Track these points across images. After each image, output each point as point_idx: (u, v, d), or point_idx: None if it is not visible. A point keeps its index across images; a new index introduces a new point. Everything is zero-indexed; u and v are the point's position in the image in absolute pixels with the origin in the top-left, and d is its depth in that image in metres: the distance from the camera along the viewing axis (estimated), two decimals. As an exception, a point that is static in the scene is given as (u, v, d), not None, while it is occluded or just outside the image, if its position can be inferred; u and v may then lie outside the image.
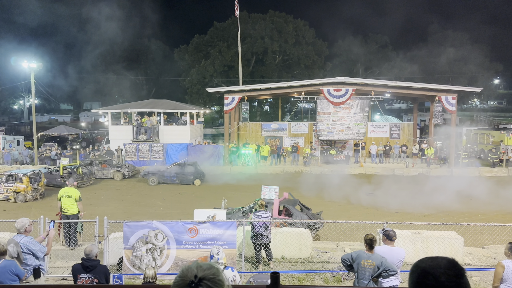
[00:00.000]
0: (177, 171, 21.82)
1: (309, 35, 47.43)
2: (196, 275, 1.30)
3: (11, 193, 17.43)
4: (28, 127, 52.18)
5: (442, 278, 1.41)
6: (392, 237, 6.18)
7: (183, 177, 21.66)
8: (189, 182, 21.56)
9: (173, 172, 21.72)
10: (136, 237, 8.37)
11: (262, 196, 11.77)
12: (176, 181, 21.60)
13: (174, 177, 21.63)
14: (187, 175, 21.72)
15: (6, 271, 5.08)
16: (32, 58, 28.33)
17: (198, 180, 21.68)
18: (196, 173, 21.93)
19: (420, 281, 1.44)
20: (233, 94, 26.98)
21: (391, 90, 27.98)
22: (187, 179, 21.63)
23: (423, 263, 1.49)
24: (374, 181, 20.76)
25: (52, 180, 21.21)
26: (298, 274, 8.68)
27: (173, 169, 21.95)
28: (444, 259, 1.48)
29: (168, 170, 21.87)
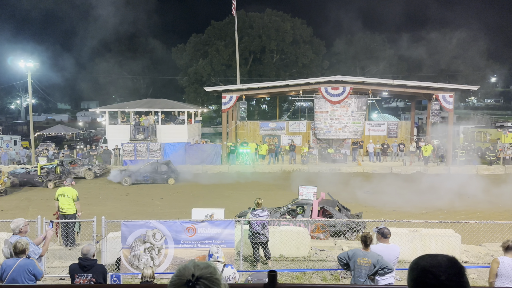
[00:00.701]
0: (150, 170, 21.67)
1: (306, 33, 47.44)
2: (194, 274, 1.30)
3: None
4: (25, 126, 51.99)
5: (443, 277, 1.39)
6: (386, 234, 6.22)
7: (157, 176, 21.53)
8: (163, 181, 21.47)
9: (146, 172, 21.56)
10: (134, 236, 8.36)
11: (300, 196, 11.46)
12: (149, 181, 21.43)
13: (147, 177, 21.44)
14: (160, 174, 21.61)
15: (24, 270, 5.04)
16: (29, 57, 28.24)
17: (172, 179, 21.60)
18: (170, 172, 21.81)
19: (419, 279, 1.42)
20: (231, 93, 26.96)
21: (388, 89, 28.02)
22: (161, 178, 21.52)
23: (423, 261, 1.47)
24: (372, 179, 20.81)
25: (30, 179, 21.11)
26: (296, 272, 8.69)
27: (146, 168, 21.77)
28: (444, 257, 1.46)
29: (141, 170, 21.69)
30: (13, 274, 4.95)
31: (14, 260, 5.08)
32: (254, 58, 47.94)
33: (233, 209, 13.16)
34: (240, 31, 39.33)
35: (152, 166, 21.93)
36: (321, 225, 10.67)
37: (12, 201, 17.96)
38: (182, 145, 26.95)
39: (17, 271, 4.98)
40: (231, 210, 12.59)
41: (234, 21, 33.70)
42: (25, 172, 21.49)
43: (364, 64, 52.06)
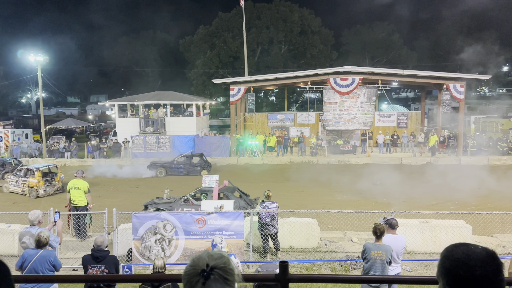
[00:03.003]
0: (184, 162, 21.88)
1: (315, 24, 47.03)
2: (208, 264, 1.30)
3: (26, 187, 17.30)
4: (36, 120, 52.59)
5: (478, 271, 1.29)
6: (394, 225, 6.23)
7: (191, 168, 21.71)
8: (196, 173, 21.59)
9: (180, 164, 21.77)
10: (145, 228, 8.45)
11: (203, 184, 12.16)
12: (183, 173, 21.65)
13: (181, 169, 21.68)
14: (194, 166, 21.78)
15: (45, 261, 5.22)
16: (39, 51, 28.42)
17: (205, 171, 21.72)
18: (203, 163, 21.97)
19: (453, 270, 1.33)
20: (239, 85, 26.91)
21: (398, 79, 27.73)
22: (195, 170, 21.68)
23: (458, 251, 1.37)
24: (381, 170, 20.69)
25: None
26: (305, 263, 8.72)
27: (180, 160, 22.00)
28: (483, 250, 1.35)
29: (174, 162, 21.94)
30: (34, 264, 5.12)
31: (36, 251, 5.25)
32: (262, 50, 47.71)
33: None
34: (248, 22, 39.13)
35: (186, 158, 22.08)
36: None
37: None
38: (191, 137, 27.04)
39: (39, 261, 5.15)
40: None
41: (241, 13, 33.53)
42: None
43: (374, 54, 51.55)
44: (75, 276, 2.82)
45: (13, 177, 17.83)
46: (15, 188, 17.54)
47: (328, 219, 10.86)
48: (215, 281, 1.29)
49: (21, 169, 18.14)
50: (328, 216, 10.88)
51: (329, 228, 10.92)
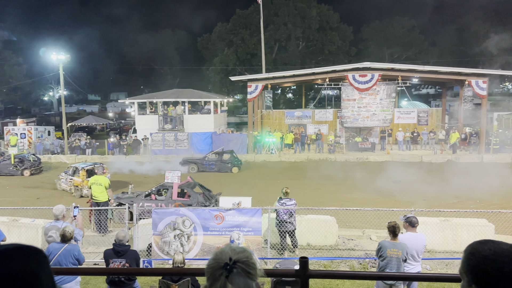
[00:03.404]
0: (215, 159, 21.98)
1: (333, 20, 46.60)
2: (231, 257, 1.32)
3: (72, 186, 17.12)
4: (57, 117, 53.76)
5: (506, 268, 1.26)
6: (414, 223, 6.15)
7: (222, 165, 21.76)
8: (227, 170, 21.62)
9: (211, 161, 21.88)
10: (164, 223, 8.57)
11: (166, 180, 12.52)
12: (214, 169, 21.72)
13: (212, 165, 21.76)
14: (225, 163, 21.83)
15: (69, 255, 5.37)
16: (60, 50, 29.01)
17: (236, 167, 21.75)
18: (234, 160, 22.02)
19: (480, 267, 1.30)
20: (256, 82, 26.90)
21: (418, 75, 27.26)
22: (226, 167, 21.70)
23: (485, 247, 1.33)
24: (401, 168, 20.40)
25: (4, 169, 21.68)
26: (323, 261, 8.69)
27: (211, 157, 22.12)
28: (511, 247, 1.32)
29: (206, 159, 22.07)
30: (59, 257, 5.27)
31: (61, 245, 5.40)
32: (279, 46, 47.57)
33: (260, 198, 13.24)
34: (265, 19, 39.03)
35: (217, 155, 22.24)
36: (179, 204, 11.51)
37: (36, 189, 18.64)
38: (209, 134, 27.20)
39: (63, 255, 5.29)
40: (257, 199, 12.67)
41: (259, 9, 33.47)
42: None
43: (393, 50, 50.77)
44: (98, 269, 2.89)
45: (64, 175, 17.87)
46: (65, 186, 17.69)
47: (346, 216, 10.78)
48: (237, 274, 1.30)
49: (70, 167, 17.98)
50: (346, 213, 10.80)
51: (347, 226, 10.84)
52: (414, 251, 5.94)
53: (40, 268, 0.69)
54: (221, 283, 1.30)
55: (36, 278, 0.67)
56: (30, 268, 0.67)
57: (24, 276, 0.65)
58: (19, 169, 21.66)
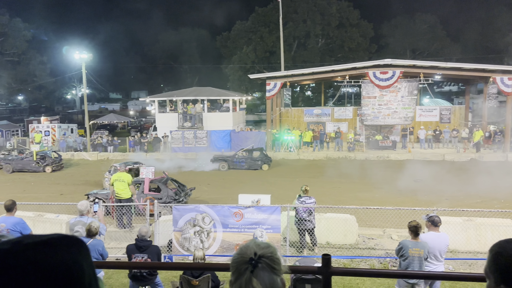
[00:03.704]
0: (245, 156, 22.11)
1: (353, 16, 46.05)
2: (256, 252, 1.32)
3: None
4: (80, 115, 54.99)
5: None
6: (437, 223, 6.05)
7: (252, 162, 21.84)
8: (257, 167, 21.71)
9: (242, 158, 22.01)
10: (184, 220, 8.67)
11: (141, 175, 13.21)
12: (244, 167, 21.81)
13: (242, 163, 21.87)
14: (255, 160, 21.91)
15: (94, 250, 5.51)
16: (83, 49, 29.61)
17: (266, 165, 21.81)
18: (264, 158, 22.09)
19: (508, 266, 1.26)
20: (275, 80, 26.85)
21: (441, 72, 26.70)
22: (256, 164, 21.79)
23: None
24: (422, 167, 20.05)
25: (26, 165, 22.13)
26: (343, 259, 8.64)
27: (241, 155, 22.26)
28: None
29: (236, 156, 22.20)
30: None
31: (86, 240, 5.54)
32: (298, 44, 47.33)
33: (278, 196, 13.23)
34: (285, 16, 38.88)
35: (247, 152, 22.41)
36: (150, 198, 12.01)
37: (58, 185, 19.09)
38: (227, 132, 27.32)
39: None
40: (276, 196, 12.65)
41: (278, 7, 33.38)
42: (20, 158, 22.57)
43: (415, 47, 49.88)
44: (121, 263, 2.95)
45: (107, 174, 17.61)
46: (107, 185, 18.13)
47: (367, 215, 10.68)
48: (262, 269, 1.31)
49: (112, 166, 17.48)
50: (366, 212, 10.69)
51: (368, 225, 10.74)
52: (436, 251, 5.84)
53: (83, 258, 0.72)
54: (246, 278, 1.31)
55: (80, 267, 0.70)
56: (75, 257, 0.69)
57: (69, 265, 0.67)
58: (41, 166, 22.23)
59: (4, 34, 38.26)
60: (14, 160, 22.63)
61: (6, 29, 38.17)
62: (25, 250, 0.66)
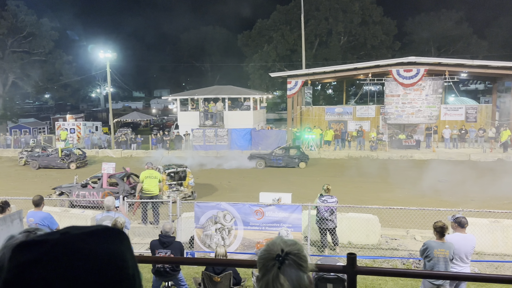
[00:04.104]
0: (282, 154, 22.14)
1: (376, 13, 45.33)
2: (283, 249, 1.33)
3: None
4: (104, 113, 56.11)
5: None
6: (464, 224, 5.92)
7: (289, 160, 21.85)
8: (294, 165, 21.72)
9: (279, 156, 22.06)
10: (206, 217, 8.75)
11: (102, 171, 13.70)
12: (282, 164, 21.85)
13: (280, 160, 21.93)
14: (292, 158, 21.91)
15: None
16: (108, 48, 30.18)
17: (303, 163, 21.79)
18: (301, 156, 22.05)
19: None
20: (296, 78, 26.73)
21: (467, 70, 26.02)
22: (293, 162, 21.79)
23: None
24: (447, 167, 19.62)
25: (52, 162, 22.77)
26: (365, 260, 8.55)
27: (278, 152, 22.30)
28: None
29: (273, 154, 22.26)
30: None
31: None
32: (320, 42, 46.95)
33: (299, 195, 13.19)
34: (306, 14, 38.64)
35: (284, 150, 22.48)
36: (108, 192, 12.70)
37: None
38: (248, 130, 27.38)
39: None
40: (296, 195, 12.60)
41: (300, 5, 33.19)
42: (45, 155, 23.24)
43: (440, 44, 48.77)
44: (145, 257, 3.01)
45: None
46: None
47: (390, 216, 10.52)
48: (289, 266, 1.32)
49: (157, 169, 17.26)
50: (389, 212, 10.54)
51: (391, 225, 10.58)
52: (462, 253, 5.72)
53: (126, 249, 0.74)
54: (273, 274, 1.32)
55: (124, 257, 0.72)
56: (118, 248, 0.72)
57: (114, 255, 0.70)
58: (66, 162, 22.85)
59: (32, 34, 39.39)
60: (40, 156, 23.33)
61: (34, 29, 39.28)
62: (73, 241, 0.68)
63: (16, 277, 0.65)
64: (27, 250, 0.67)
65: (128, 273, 0.72)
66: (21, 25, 38.59)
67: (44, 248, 0.67)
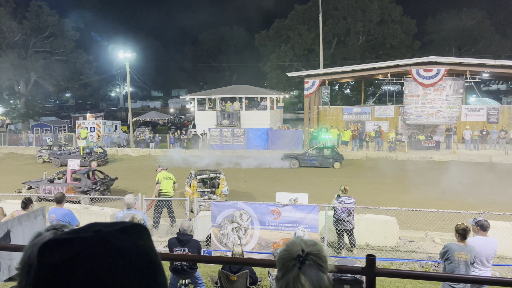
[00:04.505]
0: (316, 154, 22.04)
1: (396, 12, 44.72)
2: (303, 249, 1.33)
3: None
4: (123, 112, 56.90)
5: None
6: (486, 227, 5.81)
7: (323, 160, 21.71)
8: (329, 165, 21.58)
9: (313, 156, 21.96)
10: (222, 216, 8.79)
11: (68, 167, 14.77)
12: (316, 164, 21.72)
13: (314, 161, 21.81)
14: (326, 158, 21.78)
15: None
16: (127, 48, 30.59)
17: (338, 163, 21.62)
18: (336, 156, 21.90)
19: None
20: (314, 78, 26.60)
21: (489, 70, 25.46)
22: (327, 162, 21.65)
23: None
24: (468, 168, 19.23)
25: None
26: (383, 261, 8.45)
27: (312, 153, 22.20)
28: None
29: (307, 154, 22.21)
30: None
31: None
32: (338, 41, 46.58)
33: (315, 195, 13.13)
34: (324, 13, 38.38)
35: (318, 150, 22.42)
36: (72, 187, 13.75)
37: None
38: (265, 130, 27.37)
39: None
40: (313, 196, 12.54)
41: (318, 4, 33.01)
42: (67, 153, 23.59)
43: (461, 44, 47.80)
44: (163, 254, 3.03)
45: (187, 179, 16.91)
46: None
47: (408, 217, 10.39)
48: (310, 266, 1.32)
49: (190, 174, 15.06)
50: (408, 214, 10.41)
51: (409, 227, 10.44)
52: (483, 256, 5.61)
53: (152, 243, 0.76)
54: (294, 274, 1.32)
55: (154, 251, 0.74)
56: (147, 243, 0.73)
57: (146, 250, 0.72)
58: (87, 160, 23.23)
59: (54, 34, 40.23)
60: (62, 154, 23.81)
61: (56, 30, 40.12)
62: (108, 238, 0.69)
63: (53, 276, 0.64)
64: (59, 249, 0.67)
65: (161, 267, 0.74)
66: (43, 25, 39.46)
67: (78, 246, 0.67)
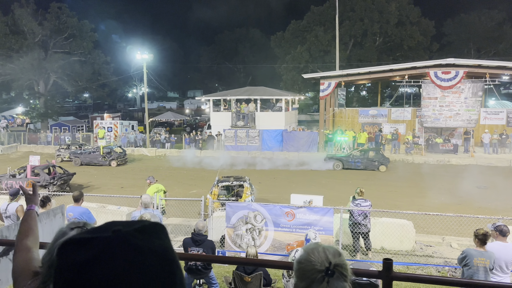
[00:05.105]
0: (361, 156, 21.82)
1: (413, 14, 44.18)
2: (330, 261, 1.27)
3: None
4: (140, 113, 57.57)
5: None
6: (506, 233, 5.68)
7: (368, 163, 21.45)
8: (373, 168, 21.31)
9: (357, 158, 21.75)
10: (237, 217, 8.81)
11: (30, 163, 15.82)
12: (360, 167, 21.51)
13: (358, 163, 21.60)
14: (371, 161, 21.51)
15: None
16: (144, 50, 30.92)
17: (383, 166, 21.24)
18: (381, 158, 21.56)
19: None
20: (329, 80, 26.44)
21: (509, 72, 24.88)
22: (372, 165, 21.38)
23: None
24: (486, 173, 18.86)
25: (94, 159, 23.71)
26: (398, 266, 8.34)
27: (356, 155, 22.02)
28: None
29: (351, 156, 22.06)
30: None
31: None
32: (354, 43, 46.23)
33: (330, 197, 13.05)
34: (341, 15, 38.16)
35: (362, 153, 22.25)
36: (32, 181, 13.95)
37: (120, 178, 20.06)
38: (279, 132, 27.33)
39: None
40: (327, 198, 12.46)
41: (335, 5, 32.83)
42: (87, 153, 24.08)
43: (480, 46, 46.93)
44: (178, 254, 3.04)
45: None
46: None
47: (425, 222, 10.22)
48: (337, 279, 1.28)
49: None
50: (424, 218, 10.24)
51: (426, 232, 10.28)
52: (502, 262, 5.48)
53: (170, 242, 0.76)
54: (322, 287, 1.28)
55: (172, 250, 0.74)
56: (165, 242, 0.74)
57: (164, 249, 0.72)
58: (107, 160, 23.56)
59: (73, 35, 40.95)
60: (82, 154, 24.22)
61: (75, 31, 40.84)
62: (127, 238, 0.70)
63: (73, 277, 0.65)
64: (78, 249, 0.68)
65: (179, 266, 0.75)
66: (63, 26, 40.22)
67: (98, 246, 0.67)
